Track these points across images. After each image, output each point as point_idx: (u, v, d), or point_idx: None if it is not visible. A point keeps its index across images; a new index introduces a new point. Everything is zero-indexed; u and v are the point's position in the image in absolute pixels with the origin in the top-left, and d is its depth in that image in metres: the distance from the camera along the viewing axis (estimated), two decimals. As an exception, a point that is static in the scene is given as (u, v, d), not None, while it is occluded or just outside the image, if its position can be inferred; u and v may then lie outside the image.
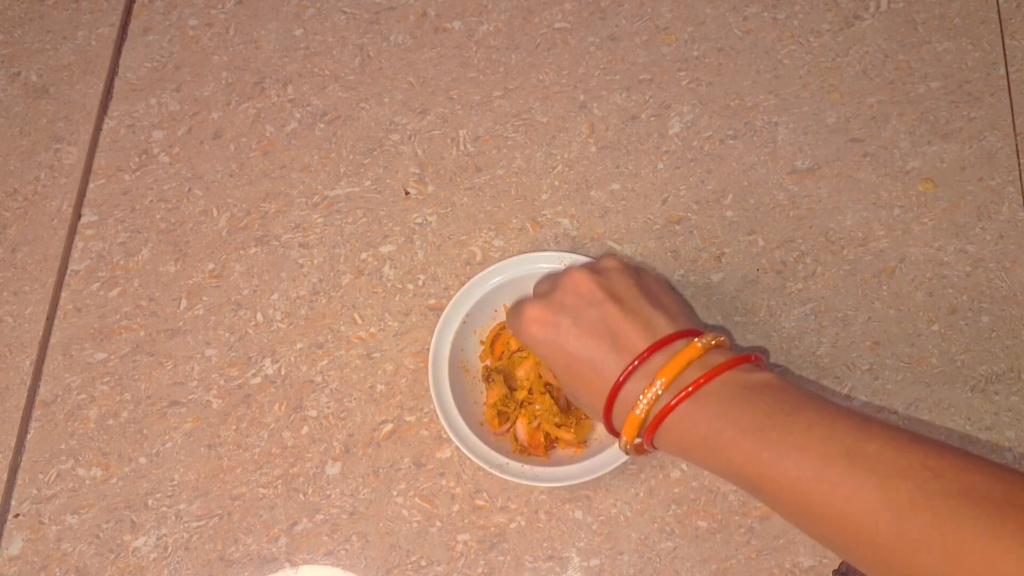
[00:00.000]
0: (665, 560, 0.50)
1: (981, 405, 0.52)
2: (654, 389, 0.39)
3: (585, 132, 0.60)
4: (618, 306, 0.42)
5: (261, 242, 0.58)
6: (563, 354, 0.42)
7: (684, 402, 0.38)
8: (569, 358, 0.42)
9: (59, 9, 0.66)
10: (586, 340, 0.41)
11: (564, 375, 0.43)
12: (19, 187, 0.60)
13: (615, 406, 0.41)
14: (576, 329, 0.41)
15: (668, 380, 0.39)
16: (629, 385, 0.40)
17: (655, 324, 0.41)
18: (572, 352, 0.42)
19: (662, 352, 0.40)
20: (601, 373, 0.41)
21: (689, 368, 0.39)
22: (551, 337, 0.42)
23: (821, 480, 0.34)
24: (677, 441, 0.39)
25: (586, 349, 0.41)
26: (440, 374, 0.51)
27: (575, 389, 0.43)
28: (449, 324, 0.52)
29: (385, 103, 0.62)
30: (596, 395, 0.41)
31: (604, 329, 0.41)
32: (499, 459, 0.48)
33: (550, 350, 0.43)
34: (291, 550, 0.51)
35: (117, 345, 0.56)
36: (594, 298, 0.42)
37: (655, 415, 0.39)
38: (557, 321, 0.42)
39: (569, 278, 0.43)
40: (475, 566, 0.50)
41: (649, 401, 0.39)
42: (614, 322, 0.41)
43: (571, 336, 0.42)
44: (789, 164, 0.58)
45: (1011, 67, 0.60)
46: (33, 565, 0.51)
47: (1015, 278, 0.55)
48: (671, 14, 0.63)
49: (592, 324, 0.41)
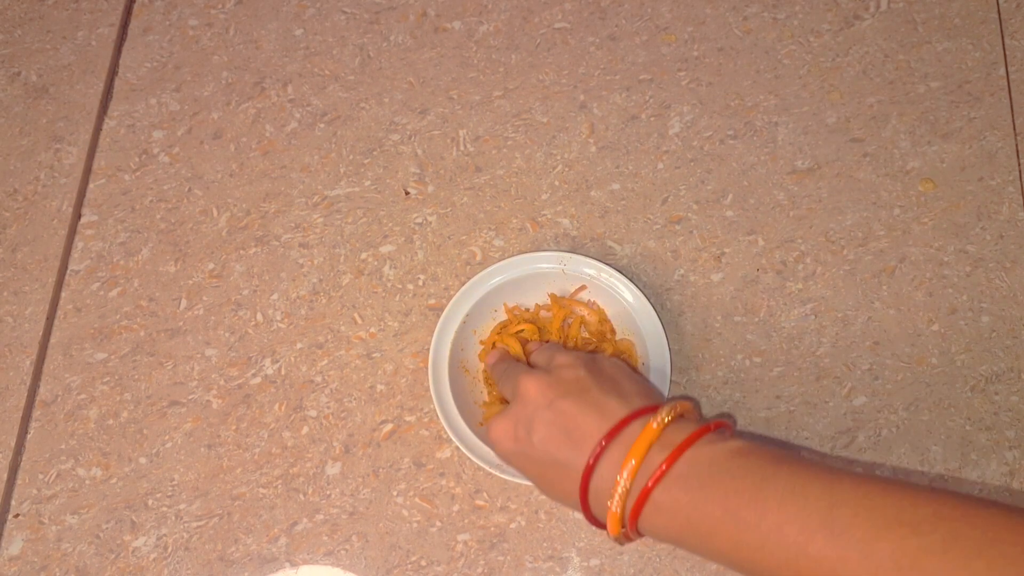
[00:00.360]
0: (665, 560, 0.50)
1: (981, 405, 0.52)
2: (622, 482, 0.38)
3: (585, 132, 0.60)
4: (569, 401, 0.42)
5: (261, 242, 0.58)
6: (530, 463, 0.42)
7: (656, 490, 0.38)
8: (536, 465, 0.42)
9: (59, 9, 0.66)
10: (544, 444, 0.41)
11: (538, 482, 0.43)
12: (19, 187, 0.60)
13: (590, 501, 0.40)
14: (534, 436, 0.42)
15: (633, 470, 0.38)
16: (595, 479, 0.40)
17: (608, 410, 0.41)
18: (537, 459, 0.42)
19: (619, 439, 0.40)
20: (567, 472, 0.41)
21: (651, 452, 0.38)
22: (515, 449, 0.43)
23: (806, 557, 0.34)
24: (661, 531, 0.39)
25: (547, 452, 0.41)
26: (440, 374, 0.51)
27: (552, 494, 0.43)
28: (449, 324, 0.52)
29: (385, 103, 0.62)
30: (569, 494, 0.41)
31: (558, 429, 0.41)
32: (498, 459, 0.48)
33: (519, 462, 0.43)
34: (291, 550, 0.51)
35: (117, 345, 0.56)
36: (544, 400, 0.42)
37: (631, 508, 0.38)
38: (516, 433, 0.43)
39: (522, 386, 0.44)
40: (475, 566, 0.50)
41: (620, 495, 0.38)
42: (567, 419, 0.41)
43: (531, 444, 0.42)
44: (789, 164, 0.58)
45: (1011, 67, 0.60)
46: (33, 565, 0.51)
47: (1015, 278, 0.55)
48: (671, 14, 0.63)
49: (547, 427, 0.41)
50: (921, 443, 0.51)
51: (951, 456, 0.51)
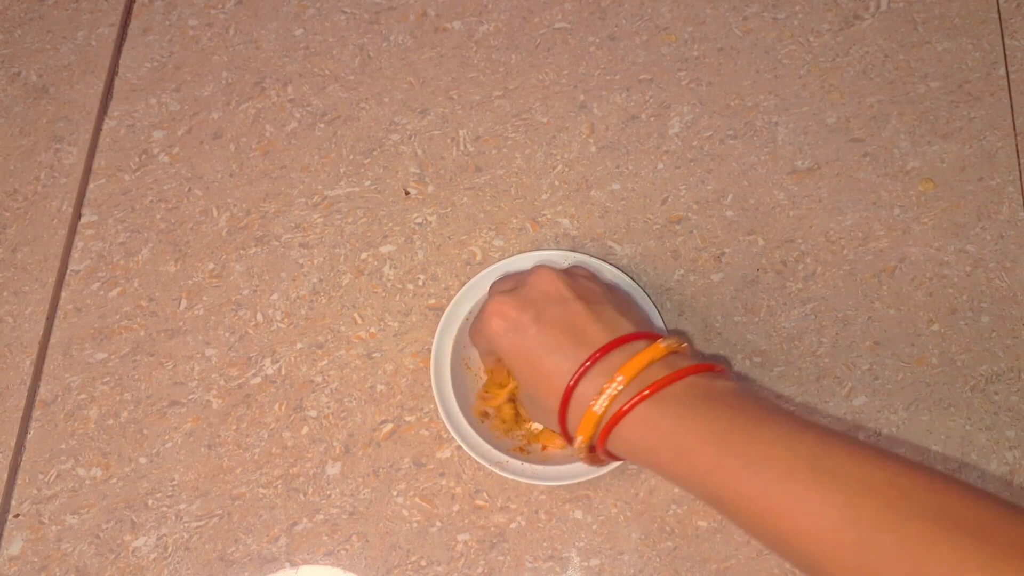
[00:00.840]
0: (665, 560, 0.50)
1: (981, 405, 0.52)
2: (614, 385, 0.38)
3: (585, 132, 0.60)
4: (583, 305, 0.41)
5: (261, 242, 0.58)
6: (523, 348, 0.41)
7: (644, 403, 0.37)
8: (528, 352, 0.41)
9: (59, 9, 0.66)
10: (547, 334, 0.40)
11: (522, 371, 0.42)
12: (19, 187, 0.60)
13: (571, 404, 0.40)
14: (538, 324, 0.41)
15: (628, 377, 0.38)
16: (586, 381, 0.39)
17: (618, 324, 0.41)
18: (531, 346, 0.41)
19: (622, 349, 0.39)
20: (559, 367, 0.40)
21: (650, 368, 0.38)
22: (512, 331, 0.41)
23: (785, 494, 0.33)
24: (636, 443, 0.38)
25: (546, 343, 0.40)
26: (442, 370, 0.51)
27: (532, 388, 0.42)
28: (452, 320, 0.52)
29: (385, 103, 0.62)
30: (552, 392, 0.40)
31: (566, 325, 0.40)
32: (499, 456, 0.48)
33: (510, 344, 0.42)
34: (291, 550, 0.51)
35: (117, 345, 0.56)
36: (559, 296, 0.42)
37: (613, 414, 0.38)
38: (519, 316, 0.41)
39: (536, 275, 0.43)
40: (475, 566, 0.50)
41: (608, 397, 0.38)
42: (577, 319, 0.40)
43: (532, 330, 0.41)
44: (789, 164, 0.58)
45: (1011, 67, 0.60)
46: (33, 565, 0.51)
47: (1015, 278, 0.55)
48: (671, 14, 0.63)
49: (555, 320, 0.41)
50: (921, 443, 0.51)
51: (951, 456, 0.51)
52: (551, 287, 0.42)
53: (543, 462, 0.49)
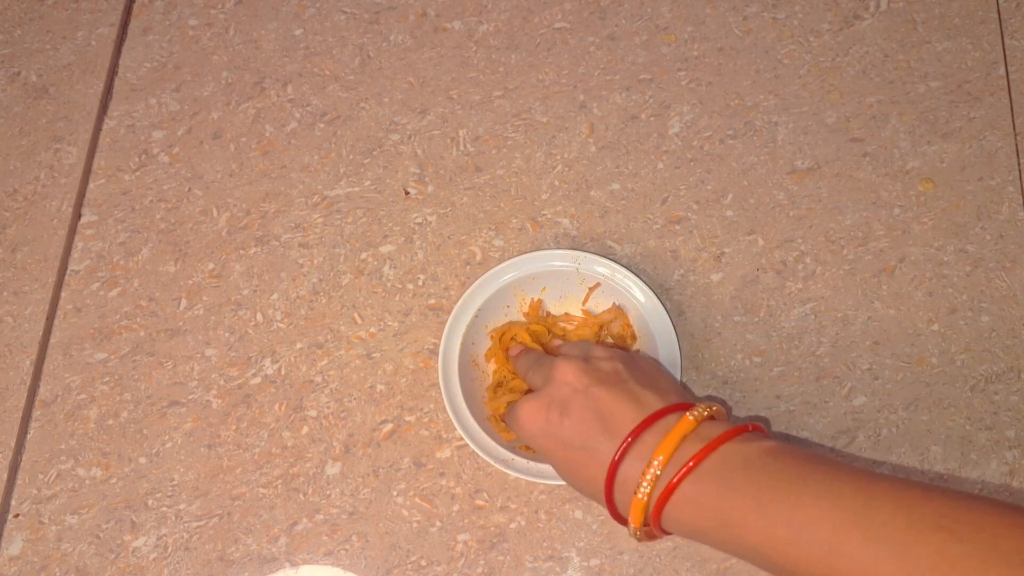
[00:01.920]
0: (665, 560, 0.50)
1: (981, 405, 0.52)
2: (652, 469, 0.38)
3: (585, 132, 0.60)
4: (606, 389, 0.41)
5: (261, 242, 0.58)
6: (558, 445, 0.42)
7: (686, 481, 0.37)
8: (564, 448, 0.41)
9: (59, 9, 0.66)
10: (577, 427, 0.41)
11: (562, 468, 0.42)
12: (19, 187, 0.60)
13: (615, 491, 0.40)
14: (566, 419, 0.41)
15: (666, 458, 0.38)
16: (625, 466, 0.39)
17: (644, 401, 0.41)
18: (565, 442, 0.41)
19: (654, 428, 0.39)
20: (596, 457, 0.40)
21: (685, 443, 0.38)
22: (544, 430, 0.42)
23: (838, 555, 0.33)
24: (687, 524, 0.38)
25: (578, 436, 0.41)
26: (450, 368, 0.51)
27: (575, 480, 0.42)
28: (460, 318, 0.52)
29: (385, 103, 0.62)
30: (595, 482, 0.40)
31: (593, 414, 0.41)
32: (505, 454, 0.48)
33: (545, 443, 0.42)
34: (291, 550, 0.51)
35: (117, 345, 0.56)
36: (581, 385, 0.42)
37: (658, 497, 0.38)
38: (548, 414, 0.42)
39: (557, 370, 0.43)
40: (475, 566, 0.50)
41: (650, 482, 0.38)
42: (603, 405, 0.41)
43: (562, 426, 0.41)
44: (789, 164, 0.58)
45: (1011, 67, 0.60)
46: (33, 565, 0.51)
47: (1015, 278, 0.55)
48: (671, 14, 0.63)
49: (581, 411, 0.41)
50: (921, 443, 0.51)
51: (951, 456, 0.51)
52: (572, 378, 0.43)
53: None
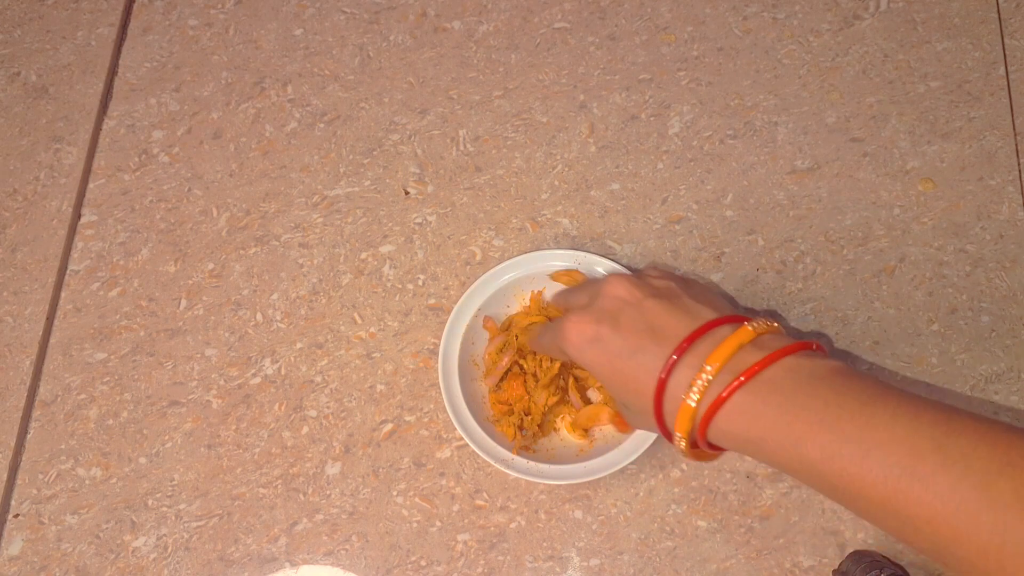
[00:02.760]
0: (665, 560, 0.50)
1: (981, 405, 0.52)
2: (705, 375, 0.36)
3: (585, 132, 0.60)
4: (658, 302, 0.40)
5: (261, 242, 0.58)
6: (606, 357, 0.40)
7: (741, 391, 0.35)
8: (613, 360, 0.40)
9: (59, 9, 0.66)
10: (627, 338, 0.39)
11: (611, 381, 0.41)
12: (19, 187, 0.60)
13: (664, 402, 0.38)
14: (617, 331, 0.40)
15: (719, 365, 0.36)
16: (676, 376, 0.38)
17: (697, 313, 0.39)
18: (615, 353, 0.40)
19: (706, 338, 0.38)
20: (646, 367, 0.38)
21: (741, 352, 0.36)
22: (593, 343, 0.41)
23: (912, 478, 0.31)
24: (739, 435, 0.36)
25: (627, 346, 0.39)
26: (450, 367, 0.51)
27: (623, 394, 0.41)
28: (461, 317, 0.52)
29: (385, 103, 0.62)
30: (644, 395, 0.39)
31: (644, 325, 0.39)
32: (505, 455, 0.48)
33: (594, 356, 0.41)
34: (291, 550, 0.51)
35: (117, 345, 0.56)
36: (633, 298, 0.41)
37: (708, 406, 0.36)
38: (598, 327, 0.41)
39: (608, 284, 0.42)
40: (475, 566, 0.50)
41: (700, 389, 0.36)
42: (654, 317, 0.40)
43: (613, 338, 0.40)
44: (789, 164, 0.58)
45: (1011, 67, 0.60)
46: (33, 565, 0.51)
47: (1015, 278, 0.55)
48: (671, 14, 0.63)
49: (632, 323, 0.40)
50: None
51: (951, 456, 0.51)
52: (623, 292, 0.41)
53: (549, 461, 0.49)
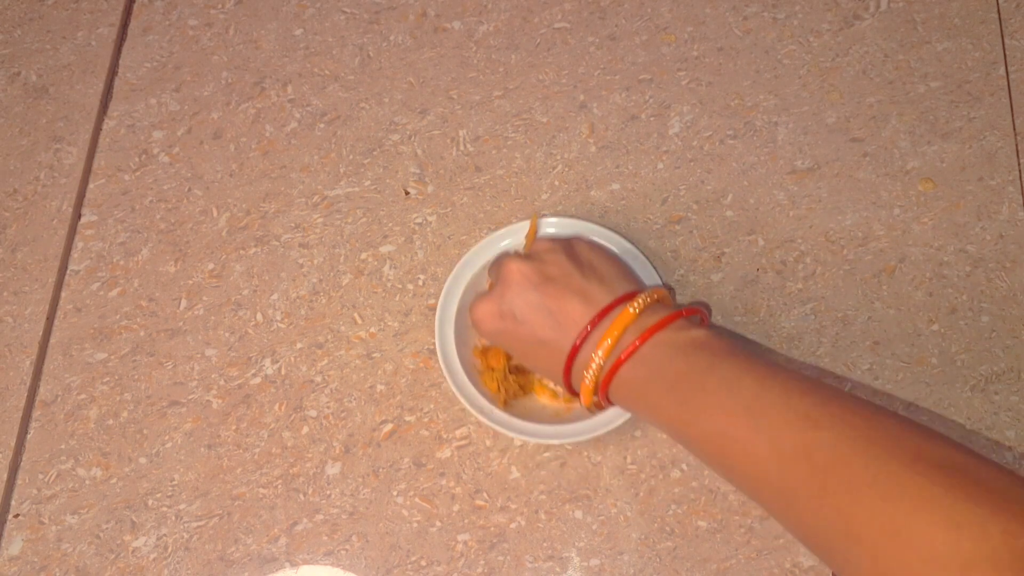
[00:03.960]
0: (665, 560, 0.50)
1: (981, 405, 0.52)
2: (597, 359, 0.43)
3: (585, 132, 0.60)
4: (553, 286, 0.45)
5: (261, 242, 0.58)
6: (515, 341, 0.46)
7: (624, 367, 0.42)
8: (522, 343, 0.46)
9: (59, 9, 0.66)
10: (531, 325, 0.45)
11: (523, 358, 0.48)
12: (19, 187, 0.60)
13: (572, 377, 0.45)
14: (521, 323, 0.45)
15: (608, 349, 0.43)
16: (579, 358, 0.44)
17: (592, 297, 0.44)
18: (522, 338, 0.45)
19: (601, 324, 0.44)
20: (552, 351, 0.45)
21: (626, 333, 0.43)
22: (500, 328, 0.46)
23: (725, 436, 0.38)
24: (623, 400, 0.44)
25: (533, 333, 0.45)
26: (448, 309, 0.52)
27: (536, 367, 0.49)
28: (468, 268, 0.53)
29: (385, 103, 0.62)
30: (553, 371, 0.46)
31: (545, 312, 0.45)
32: (484, 404, 0.50)
33: (504, 340, 0.47)
34: (291, 550, 0.51)
35: (117, 345, 0.56)
36: (529, 283, 0.45)
37: (602, 381, 0.44)
38: (502, 312, 0.46)
39: (505, 268, 0.47)
40: (475, 566, 0.50)
41: (595, 371, 0.43)
42: (551, 302, 0.45)
43: (518, 324, 0.45)
44: (789, 164, 0.58)
45: (1011, 67, 0.60)
46: (33, 565, 0.51)
47: (1015, 278, 0.55)
48: (671, 14, 0.63)
49: (534, 309, 0.45)
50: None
51: (951, 456, 0.51)
52: (519, 276, 0.46)
53: (526, 418, 0.50)
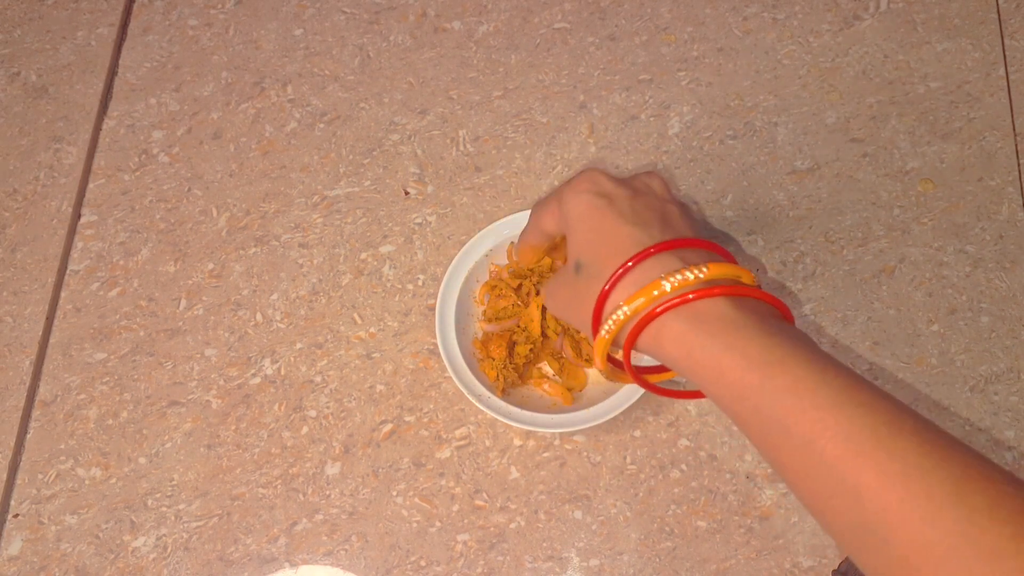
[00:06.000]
0: (665, 560, 0.50)
1: (981, 405, 0.52)
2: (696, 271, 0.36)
3: (585, 132, 0.60)
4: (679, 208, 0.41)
5: (261, 242, 0.58)
6: (603, 212, 0.40)
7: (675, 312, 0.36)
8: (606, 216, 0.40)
9: (59, 9, 0.66)
10: (637, 210, 0.40)
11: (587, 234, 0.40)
12: (19, 187, 0.60)
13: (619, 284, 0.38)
14: (631, 200, 0.40)
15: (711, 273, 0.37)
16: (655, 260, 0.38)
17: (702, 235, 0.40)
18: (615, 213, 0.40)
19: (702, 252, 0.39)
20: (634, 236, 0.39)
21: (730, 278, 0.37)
22: (600, 196, 0.40)
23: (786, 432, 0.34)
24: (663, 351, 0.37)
25: (632, 215, 0.39)
26: (449, 296, 0.52)
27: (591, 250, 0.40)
28: (469, 256, 0.53)
29: (385, 103, 0.62)
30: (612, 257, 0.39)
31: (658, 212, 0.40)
32: (481, 390, 0.50)
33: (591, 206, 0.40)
34: (291, 550, 0.51)
35: (117, 345, 0.56)
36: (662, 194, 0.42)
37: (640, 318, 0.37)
38: (615, 189, 0.41)
39: (645, 173, 0.43)
40: (475, 566, 0.50)
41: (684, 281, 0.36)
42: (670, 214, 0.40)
43: (623, 202, 0.40)
44: (789, 164, 0.58)
45: (1011, 67, 0.60)
46: (33, 565, 0.51)
47: (1015, 278, 0.55)
48: (671, 14, 0.63)
49: (648, 205, 0.40)
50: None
51: (951, 456, 0.51)
52: (657, 185, 0.42)
53: (524, 407, 0.50)
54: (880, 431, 0.33)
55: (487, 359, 0.52)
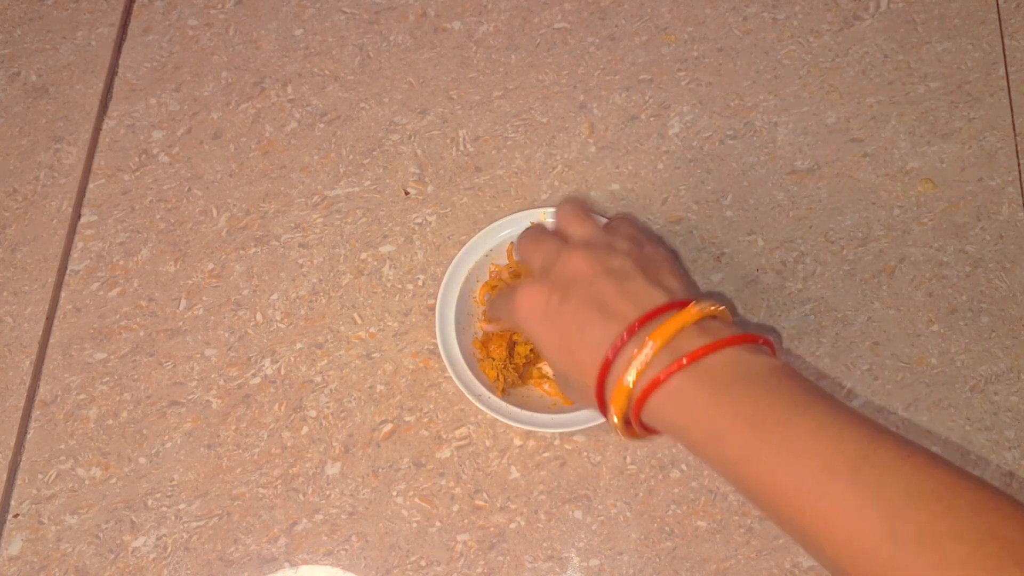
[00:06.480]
0: (665, 560, 0.50)
1: (981, 405, 0.52)
2: (644, 353, 0.35)
3: (585, 132, 0.60)
4: (613, 281, 0.39)
5: (261, 242, 0.58)
6: (553, 330, 0.40)
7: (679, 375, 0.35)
8: (559, 334, 0.39)
9: (59, 9, 0.66)
10: (576, 315, 0.39)
11: (555, 354, 0.40)
12: (19, 187, 0.60)
13: (608, 380, 0.38)
14: (566, 305, 0.39)
15: (659, 345, 0.35)
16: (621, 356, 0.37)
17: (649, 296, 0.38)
18: (562, 327, 0.39)
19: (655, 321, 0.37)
20: (592, 345, 0.38)
21: (683, 334, 0.36)
22: (542, 313, 0.40)
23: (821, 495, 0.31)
24: (669, 420, 0.36)
25: (576, 322, 0.39)
26: (449, 296, 0.53)
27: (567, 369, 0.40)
28: (469, 256, 0.54)
29: (385, 103, 0.62)
30: (588, 372, 0.38)
31: (595, 303, 0.39)
32: (480, 390, 0.50)
33: (540, 328, 0.40)
34: (291, 550, 0.51)
35: (117, 345, 0.56)
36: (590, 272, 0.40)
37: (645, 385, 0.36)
38: (548, 299, 0.40)
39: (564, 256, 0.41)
40: (475, 566, 0.50)
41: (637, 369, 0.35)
42: (606, 296, 0.39)
43: (561, 312, 0.39)
44: (789, 164, 0.58)
45: (1011, 67, 0.60)
46: (33, 565, 0.51)
47: (1015, 278, 0.55)
48: (671, 14, 0.63)
49: (582, 299, 0.39)
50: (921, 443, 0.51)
51: (951, 456, 0.51)
52: (580, 264, 0.40)
53: (523, 407, 0.50)
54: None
55: (487, 359, 0.52)
